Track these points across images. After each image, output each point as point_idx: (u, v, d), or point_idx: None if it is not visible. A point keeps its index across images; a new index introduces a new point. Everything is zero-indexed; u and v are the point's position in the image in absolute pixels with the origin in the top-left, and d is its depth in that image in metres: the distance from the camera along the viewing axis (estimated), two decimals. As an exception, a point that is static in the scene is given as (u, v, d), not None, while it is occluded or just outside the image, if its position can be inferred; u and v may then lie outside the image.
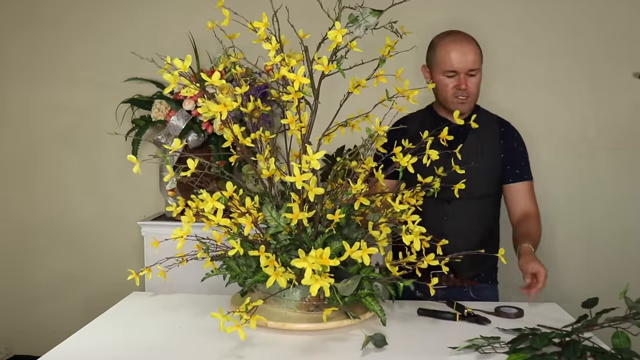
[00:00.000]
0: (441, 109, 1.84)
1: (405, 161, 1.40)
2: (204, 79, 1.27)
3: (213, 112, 1.25)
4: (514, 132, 1.87)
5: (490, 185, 1.84)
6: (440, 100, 1.82)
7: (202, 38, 2.46)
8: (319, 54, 1.33)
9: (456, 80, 1.74)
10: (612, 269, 2.59)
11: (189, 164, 1.35)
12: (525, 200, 1.83)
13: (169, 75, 1.27)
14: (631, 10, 2.52)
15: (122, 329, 1.42)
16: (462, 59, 1.72)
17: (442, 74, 1.75)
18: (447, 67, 1.74)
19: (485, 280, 1.89)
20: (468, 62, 1.73)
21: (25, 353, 2.90)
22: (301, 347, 1.30)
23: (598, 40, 2.53)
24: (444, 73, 1.75)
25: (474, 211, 1.82)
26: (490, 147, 1.82)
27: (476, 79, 1.76)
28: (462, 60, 1.72)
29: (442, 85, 1.76)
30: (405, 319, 1.49)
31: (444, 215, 1.81)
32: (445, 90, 1.76)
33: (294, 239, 1.38)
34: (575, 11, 2.54)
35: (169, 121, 2.40)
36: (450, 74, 1.74)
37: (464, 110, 1.75)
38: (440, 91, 1.78)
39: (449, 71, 1.74)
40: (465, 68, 1.73)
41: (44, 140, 2.80)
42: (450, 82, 1.75)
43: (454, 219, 1.81)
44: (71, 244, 2.82)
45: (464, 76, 1.73)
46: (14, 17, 2.76)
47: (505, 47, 2.54)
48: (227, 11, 1.34)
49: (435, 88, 1.78)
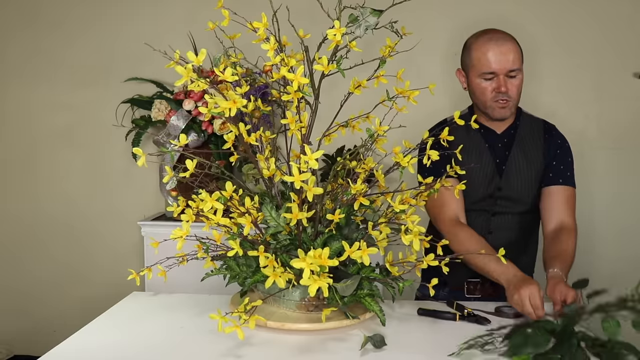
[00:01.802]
0: (480, 114, 1.69)
1: (406, 162, 1.39)
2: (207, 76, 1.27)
3: (222, 108, 1.25)
4: (558, 138, 1.74)
5: (536, 197, 1.72)
6: (479, 106, 1.68)
7: (202, 38, 2.46)
8: (319, 54, 1.33)
9: (495, 82, 1.60)
10: (612, 269, 2.60)
11: (188, 165, 1.35)
12: (561, 208, 1.67)
13: (181, 68, 1.27)
14: (634, 9, 2.52)
15: (122, 329, 1.42)
16: (501, 59, 1.58)
17: (479, 77, 1.62)
18: (484, 69, 1.60)
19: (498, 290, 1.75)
20: (508, 62, 1.58)
21: (25, 353, 2.90)
22: (300, 347, 1.30)
23: (601, 39, 2.53)
24: (481, 76, 1.61)
25: (518, 226, 1.72)
26: (535, 157, 1.71)
27: (517, 81, 1.62)
28: (501, 60, 1.58)
29: (480, 90, 1.63)
30: (405, 319, 1.49)
31: (488, 230, 1.72)
32: (483, 95, 1.63)
33: (293, 239, 1.38)
34: (577, 10, 2.54)
35: (169, 121, 2.40)
36: (488, 76, 1.60)
37: (505, 115, 1.65)
38: (478, 95, 1.65)
39: (487, 73, 1.60)
40: (504, 69, 1.58)
41: (44, 140, 2.80)
42: (488, 85, 1.61)
43: (499, 232, 1.72)
44: (71, 244, 2.82)
45: (504, 78, 1.59)
46: (14, 17, 2.77)
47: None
48: (227, 11, 1.34)
49: (472, 93, 1.67)
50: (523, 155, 1.71)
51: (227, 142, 1.45)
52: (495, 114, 1.65)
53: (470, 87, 1.67)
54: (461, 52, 1.70)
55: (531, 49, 2.54)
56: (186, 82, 1.30)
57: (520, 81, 1.63)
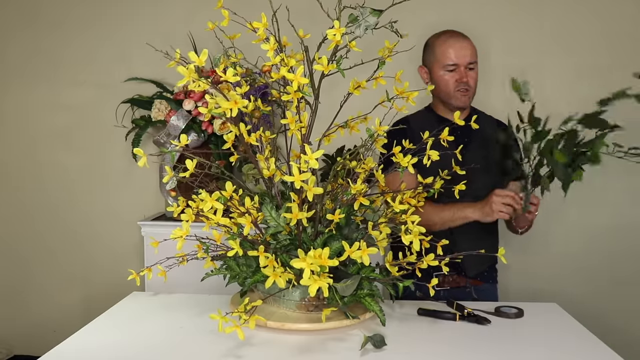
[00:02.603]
0: (441, 108, 1.87)
1: (406, 162, 1.40)
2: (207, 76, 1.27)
3: (223, 109, 1.25)
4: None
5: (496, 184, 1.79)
6: (442, 97, 1.84)
7: (202, 38, 2.47)
8: (319, 54, 1.33)
9: (457, 74, 1.78)
10: (611, 269, 2.60)
11: (188, 165, 1.36)
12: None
13: (183, 68, 1.27)
14: (637, 9, 2.52)
15: (122, 329, 1.42)
16: (462, 53, 1.78)
17: (442, 70, 1.79)
18: (447, 62, 1.78)
19: (487, 280, 1.89)
20: (467, 55, 1.78)
21: (25, 353, 2.90)
22: (300, 347, 1.30)
23: (604, 39, 2.53)
24: (444, 68, 1.79)
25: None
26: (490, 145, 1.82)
27: (474, 73, 1.81)
28: (462, 54, 1.78)
29: (443, 81, 1.80)
30: (405, 319, 1.49)
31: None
32: (447, 86, 1.80)
33: (293, 239, 1.38)
34: (579, 9, 2.54)
35: (169, 121, 2.40)
36: (450, 67, 1.78)
37: (465, 103, 1.81)
38: (442, 87, 1.81)
39: (449, 65, 1.78)
40: (465, 61, 1.78)
41: (44, 141, 2.80)
42: (451, 76, 1.79)
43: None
44: (71, 244, 2.82)
45: (464, 69, 1.78)
46: (14, 17, 2.77)
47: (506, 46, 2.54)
48: (227, 11, 1.34)
49: (436, 86, 1.81)
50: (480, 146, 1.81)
51: (227, 142, 1.46)
52: (458, 103, 1.82)
53: (433, 80, 1.82)
54: (423, 51, 1.87)
55: (531, 48, 2.56)
56: (187, 82, 1.30)
57: (476, 74, 1.83)
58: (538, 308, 1.58)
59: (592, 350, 1.31)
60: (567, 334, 1.42)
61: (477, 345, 1.33)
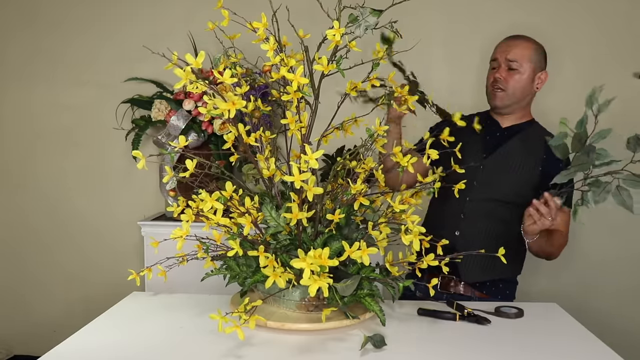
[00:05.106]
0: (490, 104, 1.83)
1: (406, 162, 1.39)
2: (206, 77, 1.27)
3: (221, 110, 1.25)
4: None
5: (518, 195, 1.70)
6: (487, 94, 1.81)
7: (201, 38, 2.47)
8: (319, 54, 1.33)
9: (496, 71, 1.74)
10: (612, 268, 2.60)
11: (188, 165, 1.35)
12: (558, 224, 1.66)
13: (179, 70, 1.27)
14: (631, 6, 2.52)
15: (122, 329, 1.42)
16: (504, 49, 1.73)
17: (490, 65, 1.78)
18: (491, 57, 1.76)
19: (495, 295, 1.77)
20: (508, 52, 1.72)
21: (25, 353, 2.90)
22: (300, 347, 1.30)
23: (597, 36, 2.53)
24: (490, 64, 1.77)
25: (494, 214, 1.73)
26: (531, 158, 1.74)
27: (517, 75, 1.72)
28: (504, 50, 1.73)
29: (487, 77, 1.78)
30: (405, 319, 1.49)
31: (461, 213, 1.76)
32: (488, 81, 1.78)
33: (293, 239, 1.38)
34: (573, 7, 2.54)
35: (169, 121, 2.40)
36: (493, 64, 1.76)
37: (497, 104, 1.76)
38: (487, 83, 1.79)
39: (492, 60, 1.76)
40: (503, 56, 1.72)
41: (44, 141, 2.80)
42: (492, 73, 1.76)
43: (471, 218, 1.75)
44: (71, 244, 2.82)
45: (504, 68, 1.72)
46: (14, 17, 2.77)
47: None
48: (227, 11, 1.34)
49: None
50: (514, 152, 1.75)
51: (227, 142, 1.45)
52: (491, 101, 1.78)
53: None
54: None
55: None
56: (184, 84, 1.30)
57: (523, 78, 1.72)
58: (538, 308, 1.58)
59: (592, 350, 1.31)
60: (567, 334, 1.41)
61: (477, 345, 1.33)
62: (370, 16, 1.33)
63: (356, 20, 1.34)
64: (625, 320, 2.59)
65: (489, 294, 1.77)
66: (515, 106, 1.77)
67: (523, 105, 1.78)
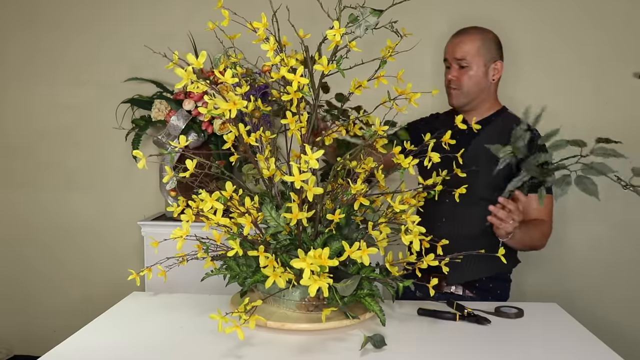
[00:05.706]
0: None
1: (406, 162, 1.39)
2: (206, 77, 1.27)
3: (222, 110, 1.25)
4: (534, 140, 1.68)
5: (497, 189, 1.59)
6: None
7: (201, 38, 2.47)
8: (319, 54, 1.33)
9: (449, 71, 1.72)
10: (611, 268, 2.60)
11: (188, 165, 1.35)
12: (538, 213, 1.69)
13: (181, 70, 1.27)
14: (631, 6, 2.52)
15: (122, 329, 1.42)
16: (452, 48, 1.71)
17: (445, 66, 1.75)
18: (443, 56, 1.74)
19: (484, 295, 1.75)
20: (455, 51, 1.69)
21: (25, 353, 2.90)
22: (300, 347, 1.30)
23: (597, 36, 2.53)
24: (444, 64, 1.75)
25: (474, 216, 1.67)
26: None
27: (470, 71, 1.69)
28: (453, 50, 1.70)
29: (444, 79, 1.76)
30: (405, 319, 1.49)
31: (442, 217, 1.75)
32: (444, 82, 1.75)
33: (293, 239, 1.38)
34: (573, 7, 2.54)
35: (169, 121, 2.40)
36: (445, 63, 1.74)
37: (454, 104, 1.75)
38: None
39: (444, 60, 1.74)
40: (452, 56, 1.70)
41: (44, 141, 2.80)
42: (447, 72, 1.74)
43: (452, 221, 1.73)
44: (71, 244, 2.82)
45: (455, 66, 1.70)
46: (14, 17, 2.77)
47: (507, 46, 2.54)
48: (227, 11, 1.34)
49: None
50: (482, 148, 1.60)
51: (227, 142, 1.46)
52: (449, 102, 1.76)
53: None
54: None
55: (528, 47, 2.55)
56: (185, 84, 1.30)
57: (475, 74, 1.69)
58: (538, 308, 1.58)
59: (592, 350, 1.31)
60: (567, 334, 1.41)
61: (477, 345, 1.33)
62: (370, 16, 1.33)
63: (356, 20, 1.34)
64: (625, 320, 2.59)
65: (478, 294, 1.75)
66: (475, 102, 1.75)
67: (484, 98, 1.75)
